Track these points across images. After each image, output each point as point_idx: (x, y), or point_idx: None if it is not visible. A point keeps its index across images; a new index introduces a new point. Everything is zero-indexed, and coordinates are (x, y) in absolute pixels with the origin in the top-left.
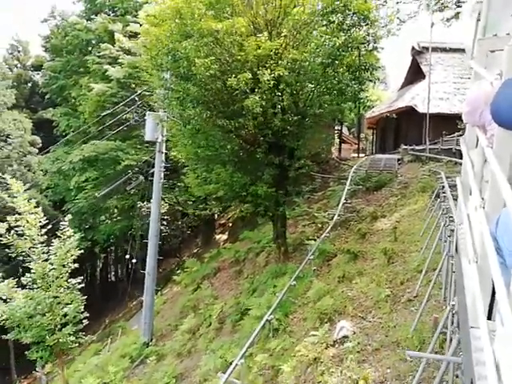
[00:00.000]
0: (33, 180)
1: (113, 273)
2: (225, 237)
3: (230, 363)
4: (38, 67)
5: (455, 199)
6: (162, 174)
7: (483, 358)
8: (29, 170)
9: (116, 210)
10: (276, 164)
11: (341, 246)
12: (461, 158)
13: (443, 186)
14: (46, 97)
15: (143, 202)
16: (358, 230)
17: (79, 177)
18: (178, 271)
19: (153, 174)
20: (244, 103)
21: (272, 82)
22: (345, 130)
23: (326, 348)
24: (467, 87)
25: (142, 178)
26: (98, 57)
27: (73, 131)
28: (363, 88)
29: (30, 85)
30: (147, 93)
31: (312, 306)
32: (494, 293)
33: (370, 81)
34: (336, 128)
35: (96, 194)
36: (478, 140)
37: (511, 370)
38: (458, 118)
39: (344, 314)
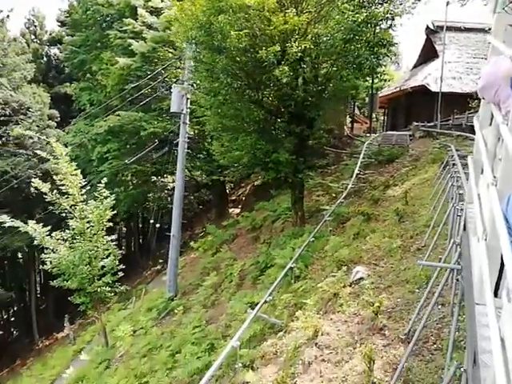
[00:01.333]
0: (52, 153)
1: (124, 244)
2: (237, 210)
3: (256, 304)
4: (53, 42)
5: (463, 167)
6: (186, 145)
7: (487, 334)
8: (47, 144)
9: (133, 183)
10: (297, 133)
11: (355, 209)
12: (470, 133)
13: (452, 155)
14: (65, 71)
15: (161, 175)
16: (372, 197)
17: (101, 148)
18: (192, 243)
19: (176, 144)
20: (273, 73)
21: (299, 55)
22: (356, 111)
23: (343, 287)
24: (480, 67)
25: (166, 148)
26: (120, 31)
27: (94, 105)
28: (380, 63)
29: (45, 59)
30: (171, 67)
31: (330, 257)
32: (500, 271)
33: (387, 56)
34: (348, 107)
35: (123, 162)
36: (492, 118)
37: None
38: (469, 96)
39: (359, 262)
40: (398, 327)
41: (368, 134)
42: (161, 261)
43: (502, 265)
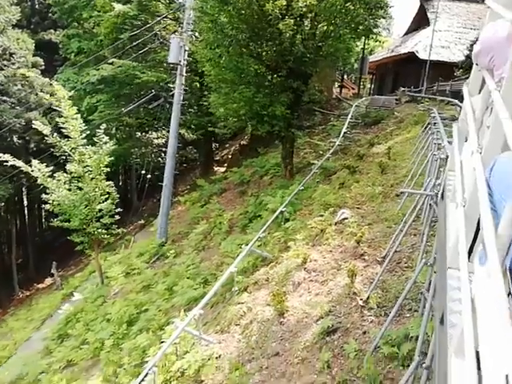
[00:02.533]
0: (36, 102)
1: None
2: (223, 169)
3: (248, 244)
4: None
5: (444, 125)
6: (182, 96)
7: (456, 296)
8: (31, 93)
9: (117, 137)
10: (293, 88)
11: (341, 164)
12: (453, 99)
13: (434, 116)
14: (49, 17)
15: (147, 130)
16: (357, 153)
17: (91, 98)
18: (175, 199)
19: (170, 96)
20: (277, 26)
21: (303, 10)
22: (344, 77)
23: (329, 225)
24: (469, 37)
25: (162, 99)
26: None
27: (83, 53)
28: (377, 24)
29: (29, 3)
30: (168, 19)
31: (317, 202)
32: (474, 238)
33: (383, 18)
34: (337, 72)
35: (115, 112)
36: (481, 86)
37: (485, 304)
38: (455, 65)
39: (344, 206)
40: (376, 253)
41: (356, 98)
42: (145, 215)
43: (477, 232)
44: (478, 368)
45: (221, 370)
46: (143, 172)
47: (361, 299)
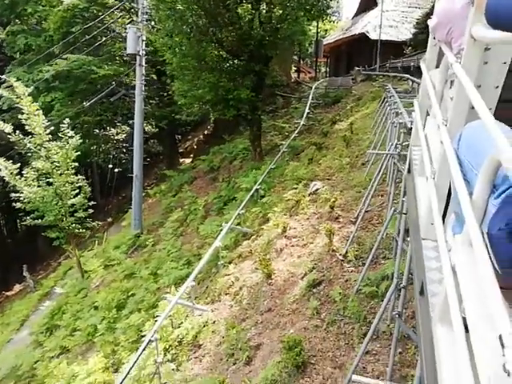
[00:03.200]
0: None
1: None
2: (189, 160)
3: (226, 223)
4: None
5: (400, 97)
6: (143, 87)
7: (434, 266)
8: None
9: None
10: (255, 71)
11: (307, 142)
12: (404, 74)
13: (389, 90)
14: None
15: (104, 127)
16: (321, 131)
17: (45, 97)
18: (143, 193)
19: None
20: (237, 10)
21: None
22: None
23: (303, 196)
24: (415, 16)
25: (123, 91)
26: None
27: (32, 50)
28: (329, 5)
29: None
30: (121, 9)
31: (289, 178)
32: (445, 210)
33: None
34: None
35: (72, 110)
36: (438, 60)
37: (465, 270)
38: (404, 43)
39: (315, 179)
40: (349, 215)
41: (313, 80)
42: (113, 212)
43: (447, 204)
44: (466, 331)
45: (217, 333)
46: (109, 167)
47: (340, 254)
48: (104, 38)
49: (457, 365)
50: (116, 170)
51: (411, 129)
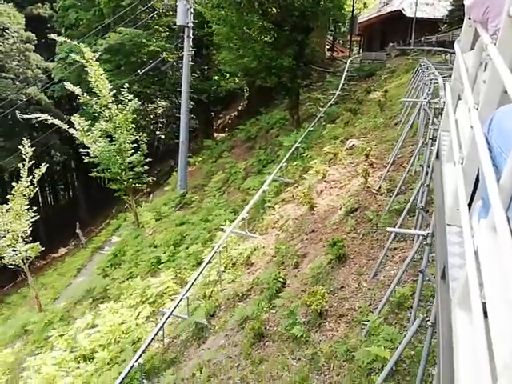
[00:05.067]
0: (34, 77)
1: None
2: (224, 135)
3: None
4: None
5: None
6: (190, 58)
7: (457, 251)
8: (27, 68)
9: None
10: (297, 41)
11: (343, 108)
12: (439, 48)
13: (423, 61)
14: None
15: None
16: (356, 99)
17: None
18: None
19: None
20: None
21: None
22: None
23: (340, 151)
24: None
25: (171, 62)
26: None
27: (81, 25)
28: None
29: None
30: None
31: (327, 137)
32: (472, 195)
33: None
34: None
35: (123, 81)
36: (473, 43)
37: (488, 255)
38: (440, 21)
39: (351, 137)
40: (382, 162)
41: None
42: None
43: (474, 191)
44: (485, 317)
45: (266, 254)
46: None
47: (374, 189)
48: (154, 11)
49: (474, 349)
50: (162, 136)
51: (438, 84)
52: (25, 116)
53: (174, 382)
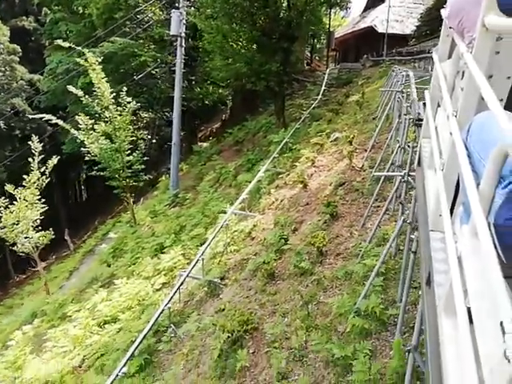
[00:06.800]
0: (19, 89)
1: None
2: (206, 144)
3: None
4: None
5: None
6: (183, 65)
7: (441, 257)
8: (12, 79)
9: None
10: (284, 48)
11: (326, 109)
12: (408, 57)
13: (393, 69)
14: (16, 4)
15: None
16: (337, 102)
17: (84, 78)
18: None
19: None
20: None
21: None
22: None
23: (326, 142)
24: (419, 11)
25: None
26: None
27: (71, 36)
28: None
29: None
30: None
31: (313, 132)
32: (454, 201)
33: None
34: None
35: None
36: (451, 51)
37: (471, 259)
38: (409, 36)
39: (335, 132)
40: (364, 147)
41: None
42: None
43: (455, 196)
44: (470, 322)
45: (266, 229)
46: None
47: (358, 167)
48: (147, 23)
49: (460, 355)
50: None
51: (408, 76)
52: (31, 116)
53: (199, 322)
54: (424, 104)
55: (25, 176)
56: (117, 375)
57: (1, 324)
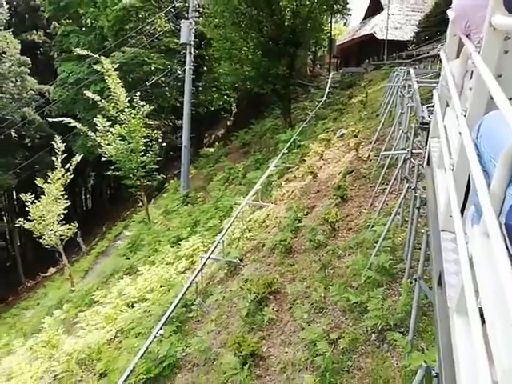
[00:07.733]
0: (29, 99)
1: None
2: (212, 149)
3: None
4: None
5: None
6: (191, 71)
7: (451, 258)
8: (23, 90)
9: None
10: (290, 53)
11: (330, 109)
12: (407, 60)
13: (395, 71)
14: (26, 18)
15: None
16: (341, 102)
17: (95, 86)
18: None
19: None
20: (280, 3)
21: None
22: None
23: (333, 138)
24: (417, 18)
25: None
26: None
27: (83, 48)
28: (346, 6)
29: (7, 6)
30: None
31: (319, 129)
32: (465, 201)
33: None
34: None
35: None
36: (458, 51)
37: (482, 259)
38: (408, 42)
39: (341, 128)
40: (369, 141)
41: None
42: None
43: (466, 196)
44: (482, 322)
45: (278, 218)
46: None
47: (364, 157)
48: (158, 33)
49: (473, 356)
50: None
51: (409, 72)
52: (51, 119)
53: (224, 293)
54: (428, 108)
55: (36, 180)
56: (155, 336)
57: (25, 317)
